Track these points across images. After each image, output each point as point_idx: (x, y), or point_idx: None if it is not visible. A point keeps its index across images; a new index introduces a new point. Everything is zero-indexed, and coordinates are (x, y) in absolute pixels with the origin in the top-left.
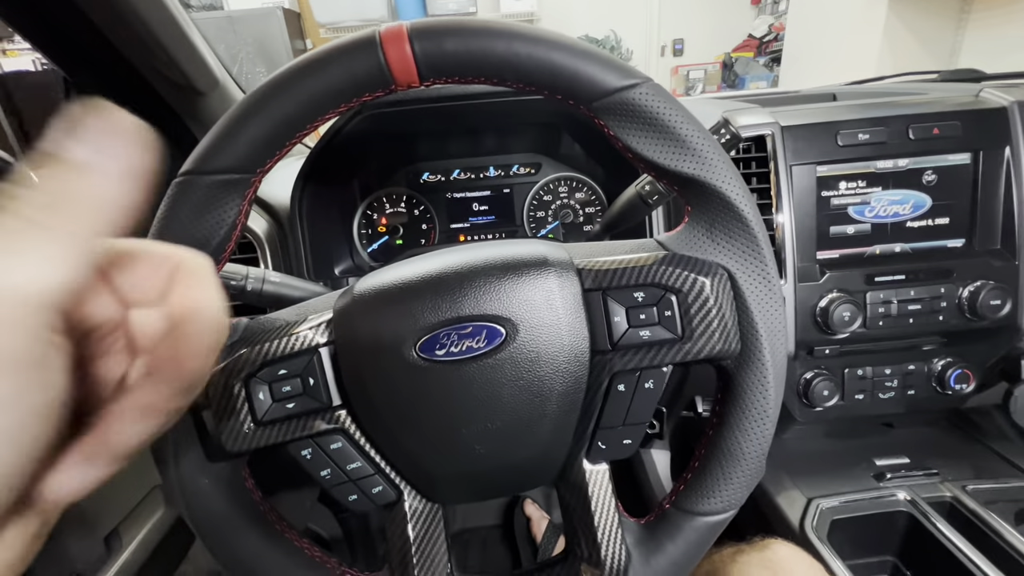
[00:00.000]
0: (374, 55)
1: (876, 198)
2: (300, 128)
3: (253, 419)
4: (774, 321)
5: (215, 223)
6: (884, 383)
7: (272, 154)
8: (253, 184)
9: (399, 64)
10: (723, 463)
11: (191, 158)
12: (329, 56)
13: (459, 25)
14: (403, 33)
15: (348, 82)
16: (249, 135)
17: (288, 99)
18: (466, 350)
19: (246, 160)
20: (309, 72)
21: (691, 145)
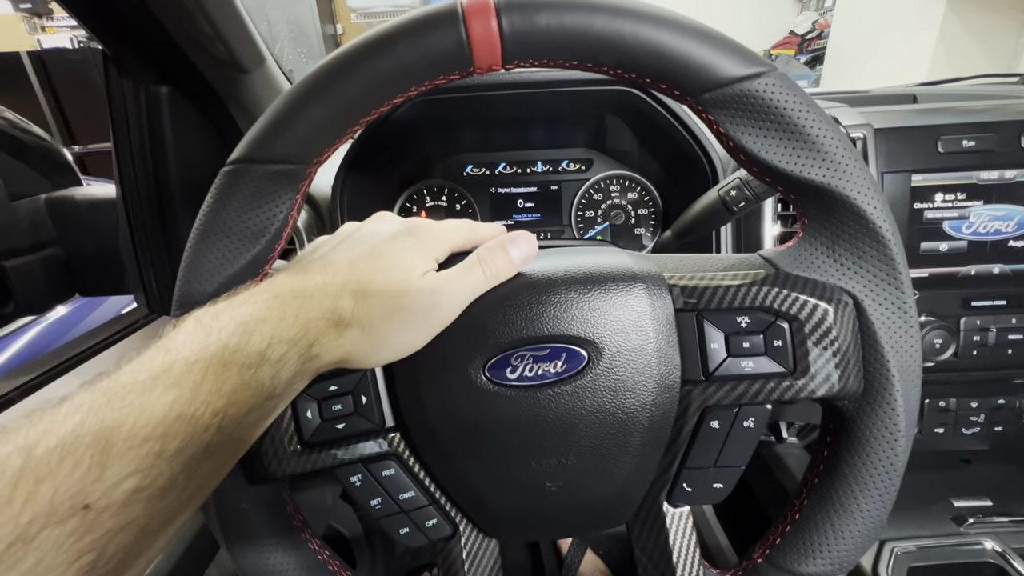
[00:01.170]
0: (454, 31)
1: (976, 213)
2: (364, 114)
3: (299, 440)
4: (910, 360)
5: (267, 217)
6: (969, 417)
7: (331, 143)
8: (308, 176)
9: (482, 42)
10: (833, 518)
11: (243, 144)
12: (401, 31)
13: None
14: (489, 5)
15: (421, 62)
16: (308, 121)
17: (354, 80)
18: (542, 375)
19: (303, 149)
20: (378, 50)
21: (823, 148)
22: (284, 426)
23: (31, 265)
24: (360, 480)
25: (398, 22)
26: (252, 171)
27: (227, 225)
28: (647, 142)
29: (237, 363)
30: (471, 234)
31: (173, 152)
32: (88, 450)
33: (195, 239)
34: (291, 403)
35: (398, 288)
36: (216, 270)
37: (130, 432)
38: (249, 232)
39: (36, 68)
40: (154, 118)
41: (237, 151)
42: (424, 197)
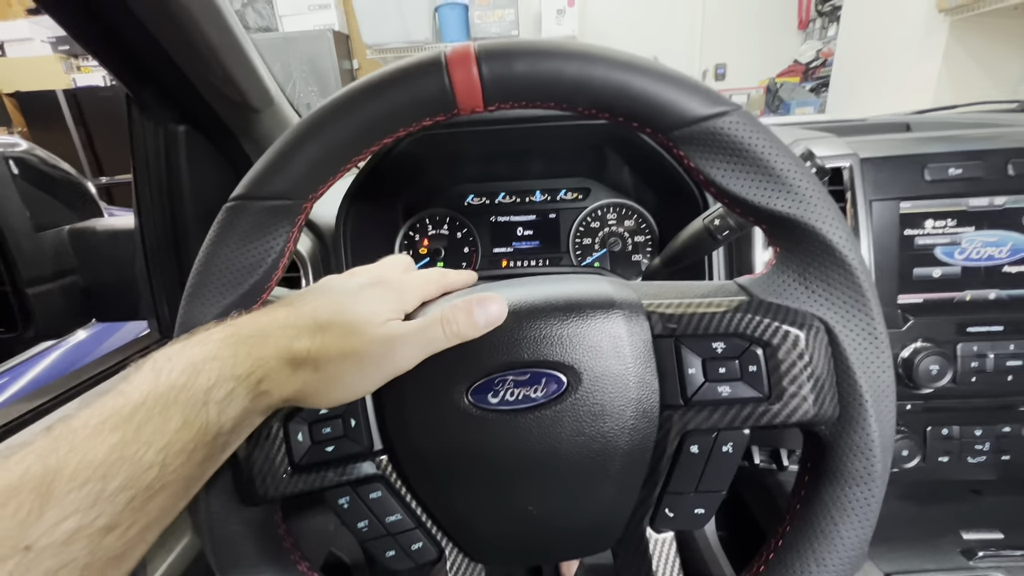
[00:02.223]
0: (439, 78)
1: (968, 239)
2: (356, 153)
3: (290, 462)
4: (882, 384)
5: (263, 250)
6: (973, 445)
7: (325, 180)
8: (304, 210)
9: (464, 87)
10: (815, 546)
11: (243, 183)
12: (391, 78)
13: (528, 46)
14: (470, 54)
15: (409, 106)
16: (303, 160)
17: (346, 123)
18: (523, 399)
19: (298, 185)
20: (369, 95)
21: (786, 180)
22: (276, 448)
23: (52, 292)
24: (348, 502)
25: (388, 71)
26: (251, 207)
27: (227, 257)
28: (641, 172)
29: (181, 402)
30: (441, 281)
31: (188, 186)
32: (31, 494)
33: (197, 270)
34: (283, 425)
35: (355, 333)
36: (215, 299)
37: (72, 474)
38: (247, 263)
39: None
40: (171, 155)
41: (238, 189)
42: (426, 226)
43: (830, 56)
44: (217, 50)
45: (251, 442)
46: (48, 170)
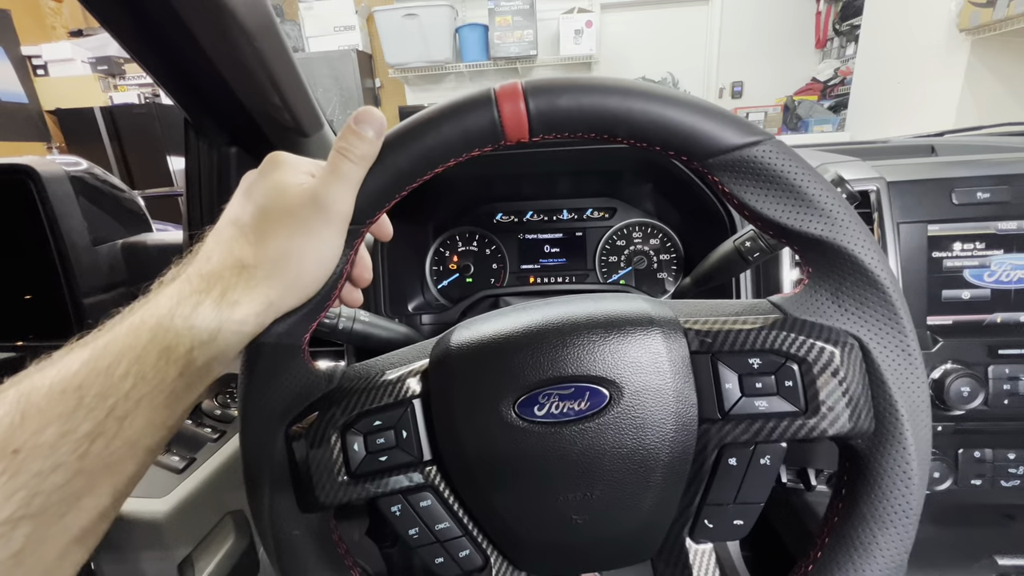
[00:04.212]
0: (488, 112)
1: (997, 261)
2: (411, 182)
3: (347, 471)
4: (917, 398)
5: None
6: (1007, 469)
7: (382, 207)
8: (362, 234)
9: (512, 120)
10: (854, 557)
11: None
12: (444, 113)
13: (573, 83)
14: (518, 91)
15: (460, 138)
16: (364, 191)
17: (403, 154)
18: (567, 412)
19: (358, 212)
20: (426, 129)
21: (819, 204)
22: (334, 457)
23: (105, 303)
24: (400, 510)
25: (441, 106)
26: None
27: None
28: (667, 194)
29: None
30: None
31: None
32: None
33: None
34: (341, 436)
35: (280, 208)
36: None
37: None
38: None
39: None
40: (223, 174)
41: None
42: (456, 243)
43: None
44: (279, 82)
45: (312, 452)
46: (104, 187)
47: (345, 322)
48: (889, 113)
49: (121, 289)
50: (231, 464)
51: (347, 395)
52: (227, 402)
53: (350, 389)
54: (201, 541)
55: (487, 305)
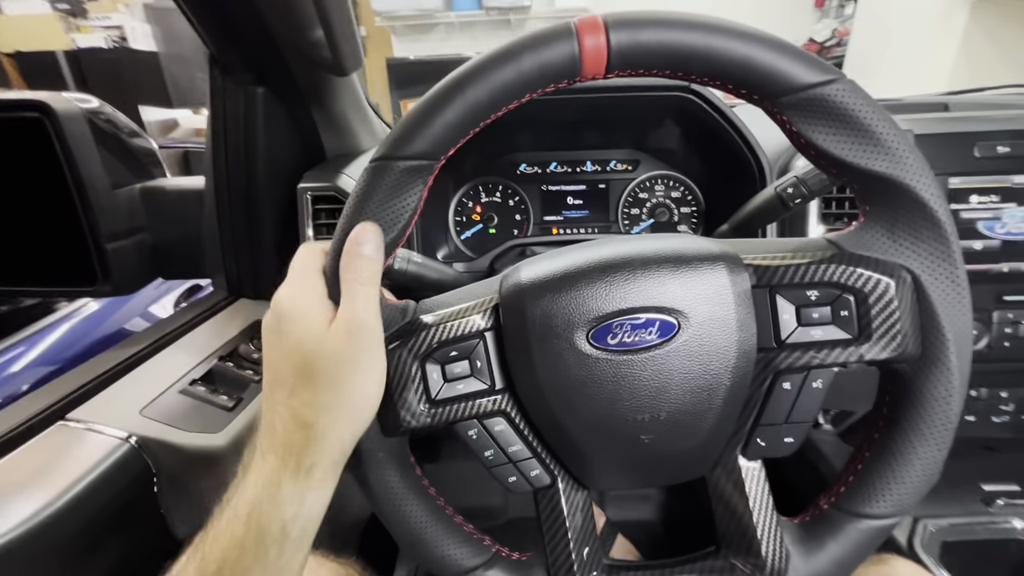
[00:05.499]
0: (568, 45)
1: (1009, 214)
2: (486, 116)
3: (427, 398)
4: (963, 326)
5: (402, 207)
6: (999, 406)
7: (456, 142)
8: (435, 170)
9: (592, 54)
10: (895, 466)
11: (386, 143)
12: (523, 45)
13: (656, 17)
14: (599, 24)
15: (538, 71)
16: (441, 123)
17: (482, 87)
18: (639, 341)
19: (435, 146)
20: (504, 61)
21: (887, 143)
22: (416, 385)
23: (127, 249)
24: (476, 434)
25: (520, 39)
26: (394, 167)
27: (372, 213)
28: (697, 144)
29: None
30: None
31: (264, 148)
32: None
33: (345, 222)
34: (421, 365)
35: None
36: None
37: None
38: (390, 219)
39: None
40: (250, 116)
41: (380, 149)
42: (479, 193)
43: (846, 35)
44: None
45: (395, 379)
46: (119, 129)
47: (400, 262)
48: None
49: (142, 235)
50: None
51: (423, 328)
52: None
53: (424, 322)
54: None
55: (515, 255)
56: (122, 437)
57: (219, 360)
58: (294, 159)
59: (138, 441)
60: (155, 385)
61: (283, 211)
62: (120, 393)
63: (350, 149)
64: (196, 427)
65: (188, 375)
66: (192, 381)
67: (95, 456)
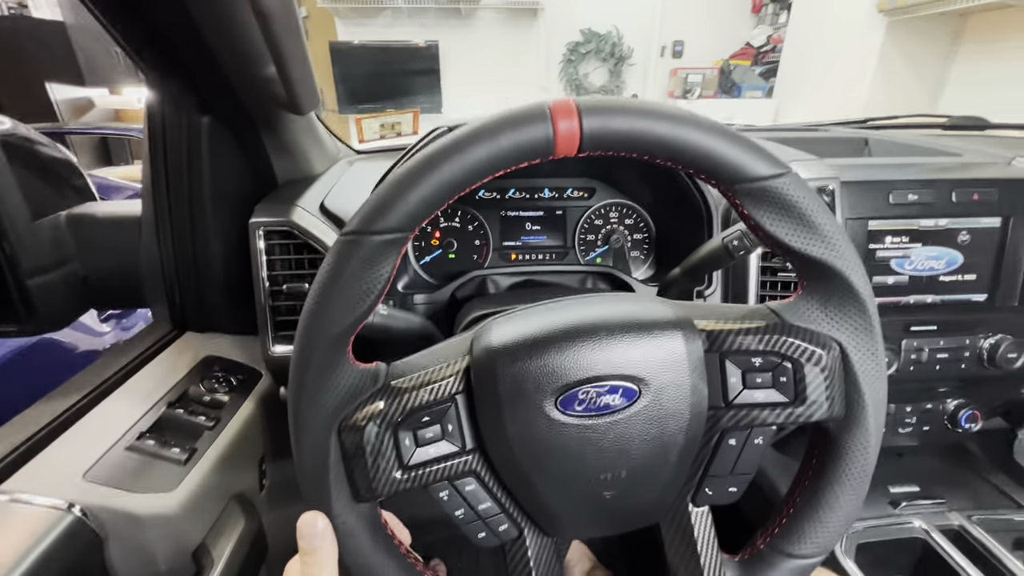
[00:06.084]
0: (544, 127)
1: (916, 253)
2: (460, 190)
3: (400, 464)
4: (879, 392)
5: (375, 279)
6: (904, 419)
7: (430, 214)
8: (408, 240)
9: (565, 137)
10: (820, 512)
11: (359, 218)
12: (500, 125)
13: (625, 105)
14: (573, 108)
15: (514, 151)
16: (416, 198)
17: (458, 164)
18: (604, 407)
19: (408, 220)
20: (481, 140)
21: (823, 232)
22: (389, 452)
23: (53, 282)
24: (448, 495)
25: (496, 119)
26: (366, 241)
27: (344, 287)
28: (650, 181)
29: None
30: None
31: (209, 176)
32: None
33: (316, 298)
34: (393, 434)
35: None
36: (333, 324)
37: None
38: (362, 291)
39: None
40: (193, 145)
41: (353, 223)
42: (438, 218)
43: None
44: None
45: (368, 448)
46: (35, 149)
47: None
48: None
49: (70, 266)
50: (231, 449)
51: (395, 394)
52: (214, 387)
53: (397, 388)
54: (212, 527)
55: (475, 284)
56: (63, 508)
57: (168, 407)
58: (242, 187)
59: (82, 510)
60: (98, 443)
61: (232, 242)
62: (58, 455)
63: (303, 173)
64: (147, 487)
65: (135, 427)
66: (140, 434)
67: (37, 531)
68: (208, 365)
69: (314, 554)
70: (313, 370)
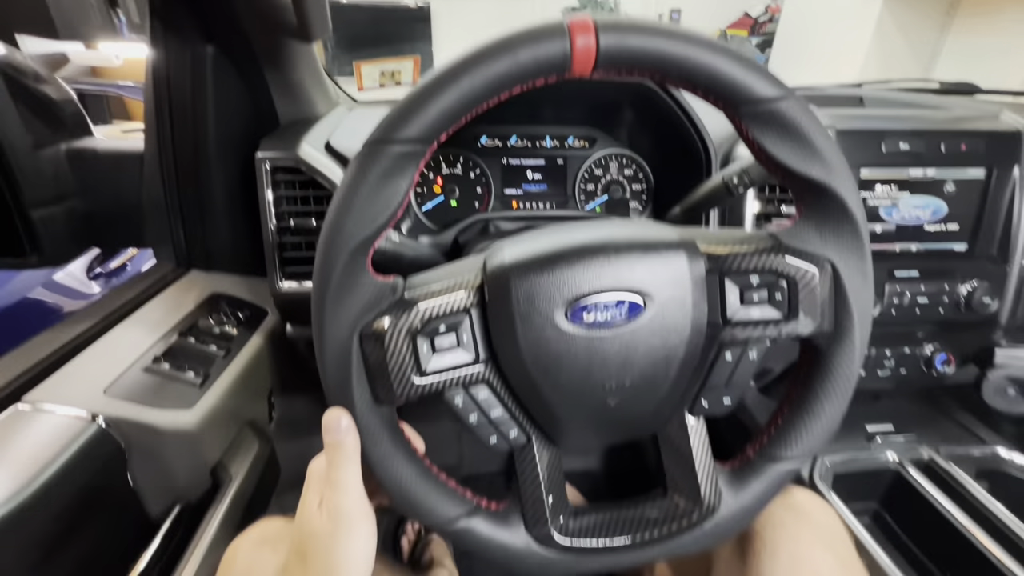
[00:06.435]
0: (562, 43)
1: (904, 202)
2: (478, 104)
3: (418, 370)
4: (866, 309)
5: (393, 192)
6: (883, 362)
7: (448, 127)
8: (426, 155)
9: (582, 54)
10: (807, 420)
11: (381, 127)
12: (520, 39)
13: (642, 24)
14: (590, 25)
15: (532, 66)
16: (436, 109)
17: (478, 76)
18: (610, 319)
19: (428, 131)
20: (500, 52)
21: (822, 155)
22: (408, 358)
23: (55, 216)
24: (462, 401)
25: (515, 32)
26: (387, 151)
27: (366, 196)
28: (650, 127)
29: None
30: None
31: (213, 110)
32: None
33: (339, 207)
34: (412, 340)
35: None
36: (353, 235)
37: None
38: (382, 202)
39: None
40: (197, 76)
41: (375, 133)
42: (440, 164)
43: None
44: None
45: (389, 354)
46: (32, 79)
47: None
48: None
49: (71, 201)
50: (242, 379)
51: (412, 304)
52: (222, 320)
53: (414, 299)
54: (228, 447)
55: (479, 229)
56: (87, 418)
57: (179, 335)
58: (246, 125)
59: (106, 421)
60: (114, 363)
61: (235, 179)
62: (77, 372)
63: (305, 115)
64: (166, 404)
65: (149, 352)
66: (154, 358)
67: (62, 439)
68: (215, 301)
69: (339, 448)
70: (335, 278)
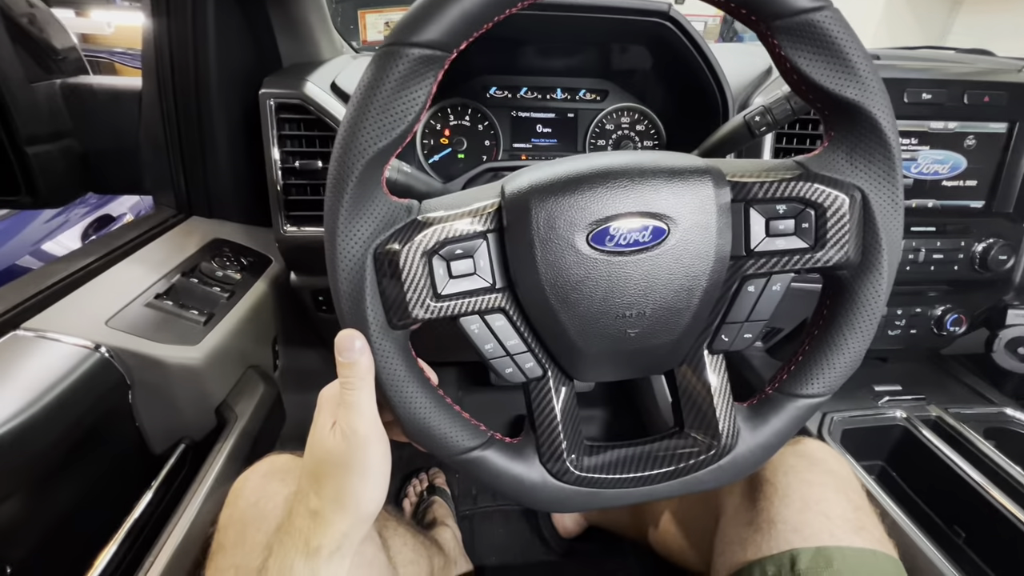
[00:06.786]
0: None
1: (923, 156)
2: (500, 11)
3: (434, 292)
4: (896, 239)
5: (411, 101)
6: (894, 321)
7: (469, 34)
8: (446, 64)
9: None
10: (829, 355)
11: (397, 27)
12: None
13: None
14: None
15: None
16: (459, 9)
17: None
18: (633, 243)
19: (449, 35)
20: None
21: (859, 73)
22: (424, 279)
23: (52, 154)
24: (478, 328)
25: None
26: (406, 54)
27: (382, 102)
28: (664, 74)
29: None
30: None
31: (215, 51)
32: None
33: (354, 114)
34: (428, 261)
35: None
36: (370, 143)
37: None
38: (399, 110)
39: None
40: (198, 13)
41: (392, 35)
42: (448, 115)
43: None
44: None
45: (404, 274)
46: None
47: (391, 172)
48: None
49: (68, 140)
50: (246, 322)
51: (429, 224)
52: (225, 264)
53: (430, 219)
54: (233, 388)
55: (488, 178)
56: (90, 347)
57: (182, 276)
58: (248, 65)
59: (109, 351)
60: (116, 297)
61: (238, 121)
62: (79, 303)
63: (309, 58)
64: (171, 339)
65: (151, 289)
66: (157, 295)
67: (64, 366)
68: (217, 245)
69: (352, 368)
70: (350, 189)
